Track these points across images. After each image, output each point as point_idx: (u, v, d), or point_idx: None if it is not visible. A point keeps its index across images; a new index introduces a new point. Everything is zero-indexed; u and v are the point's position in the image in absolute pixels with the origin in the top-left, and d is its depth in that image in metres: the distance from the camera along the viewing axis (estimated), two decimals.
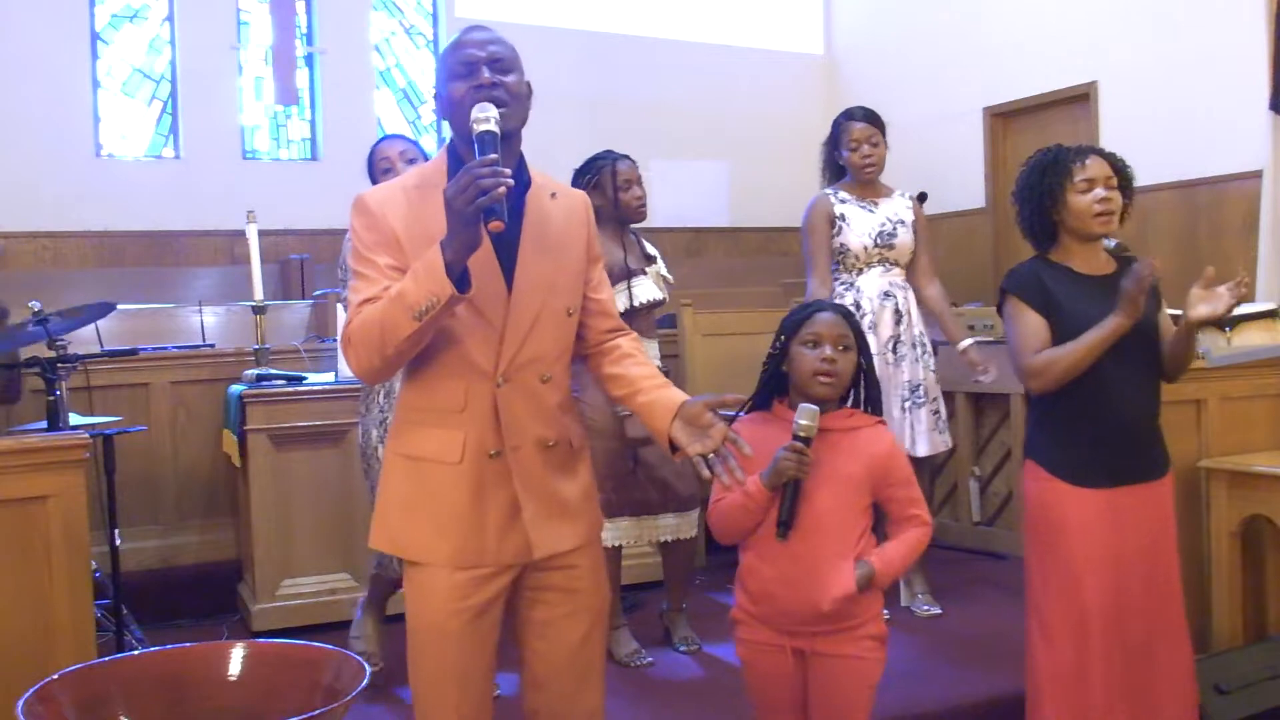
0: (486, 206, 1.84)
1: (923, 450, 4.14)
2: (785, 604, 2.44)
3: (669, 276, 3.91)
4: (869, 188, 4.21)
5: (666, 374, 3.82)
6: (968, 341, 4.11)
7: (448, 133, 2.15)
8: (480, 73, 2.03)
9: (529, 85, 2.12)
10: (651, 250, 3.93)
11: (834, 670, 2.46)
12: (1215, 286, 2.66)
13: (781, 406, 2.52)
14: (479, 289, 2.00)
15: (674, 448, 2.08)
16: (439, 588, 2.08)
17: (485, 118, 1.94)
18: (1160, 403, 2.83)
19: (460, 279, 1.91)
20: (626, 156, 3.85)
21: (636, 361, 2.21)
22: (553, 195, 2.16)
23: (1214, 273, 2.68)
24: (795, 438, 2.39)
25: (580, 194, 2.26)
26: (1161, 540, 2.78)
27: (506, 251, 2.06)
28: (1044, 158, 2.83)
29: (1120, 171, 2.80)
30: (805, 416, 2.41)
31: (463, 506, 2.07)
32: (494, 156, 1.89)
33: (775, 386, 2.55)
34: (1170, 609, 2.79)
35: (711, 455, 2.03)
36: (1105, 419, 2.72)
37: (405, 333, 1.94)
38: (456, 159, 2.09)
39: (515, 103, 2.05)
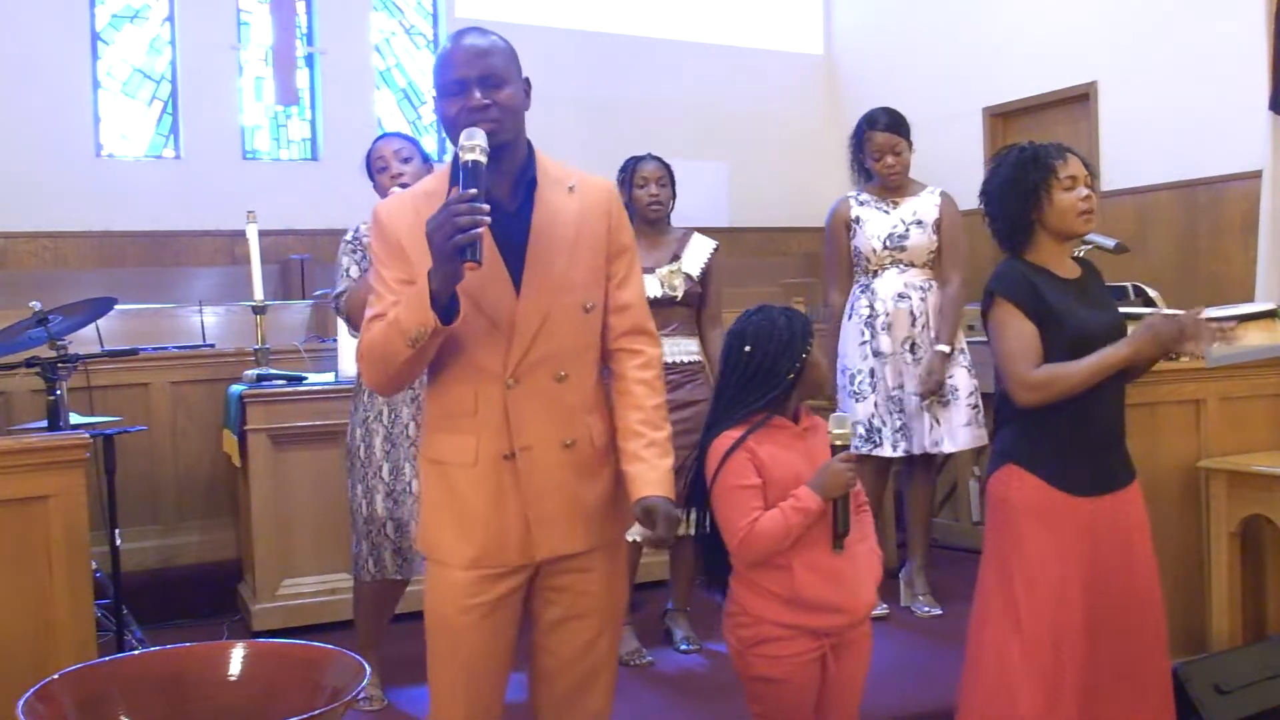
0: (462, 245, 1.86)
1: (950, 447, 4.13)
2: (842, 606, 2.44)
3: (692, 274, 3.89)
4: (893, 189, 4.22)
5: (696, 367, 3.83)
6: (940, 348, 4.06)
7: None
8: (471, 94, 2.01)
9: (527, 83, 2.11)
10: (689, 250, 3.90)
11: (858, 657, 2.50)
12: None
13: (780, 418, 2.49)
14: (486, 293, 2.02)
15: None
16: (452, 584, 2.10)
17: (471, 146, 1.93)
18: (1124, 408, 2.78)
19: (448, 308, 1.93)
20: (657, 159, 3.93)
21: (637, 406, 2.15)
22: (570, 188, 2.13)
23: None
24: (834, 448, 2.41)
25: (604, 183, 2.20)
26: (1138, 546, 2.72)
27: (515, 250, 2.05)
28: (1022, 154, 2.71)
29: (1089, 170, 2.75)
30: (841, 425, 2.43)
31: (483, 508, 2.08)
32: (473, 192, 1.88)
33: (782, 398, 2.50)
34: (1151, 615, 2.72)
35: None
36: (1090, 426, 2.66)
37: (402, 358, 1.99)
38: (459, 169, 2.06)
39: (509, 117, 2.04)
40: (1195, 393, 3.58)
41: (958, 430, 4.11)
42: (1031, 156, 2.68)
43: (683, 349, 3.85)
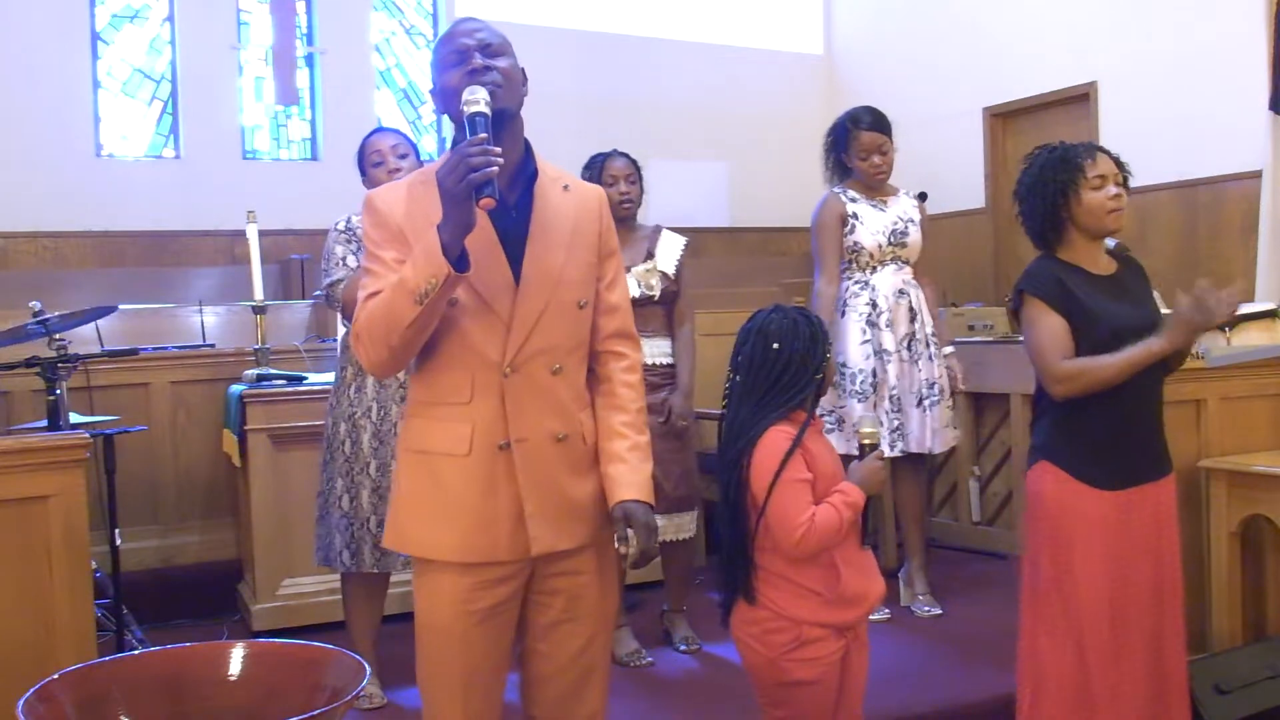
0: (477, 184, 1.86)
1: (939, 447, 4.18)
2: (870, 602, 2.49)
3: (668, 271, 3.88)
4: (878, 189, 4.23)
5: (674, 370, 3.81)
6: (949, 349, 4.23)
7: (449, 131, 2.15)
8: (472, 58, 2.04)
9: (524, 71, 2.13)
10: (661, 247, 3.89)
11: (865, 649, 2.54)
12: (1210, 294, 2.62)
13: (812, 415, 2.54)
14: (486, 279, 2.02)
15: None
16: (446, 590, 2.07)
17: (475, 99, 1.96)
18: (1163, 401, 2.82)
19: (459, 259, 1.92)
20: (625, 155, 3.90)
21: (621, 408, 2.16)
22: (565, 188, 2.16)
23: (1209, 282, 2.62)
24: (863, 446, 2.49)
25: (595, 188, 2.25)
26: (1166, 539, 2.77)
27: (514, 243, 2.06)
28: (1051, 154, 2.76)
29: (1121, 168, 2.79)
30: (870, 424, 2.52)
31: (473, 500, 2.06)
32: (484, 136, 1.90)
33: (814, 395, 2.53)
34: (1173, 609, 2.78)
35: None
36: (1121, 420, 2.69)
37: (408, 318, 1.94)
38: (463, 128, 2.07)
39: (508, 85, 2.06)
40: (1195, 393, 3.58)
41: (937, 432, 4.15)
42: (1061, 157, 2.74)
43: (661, 350, 3.83)
